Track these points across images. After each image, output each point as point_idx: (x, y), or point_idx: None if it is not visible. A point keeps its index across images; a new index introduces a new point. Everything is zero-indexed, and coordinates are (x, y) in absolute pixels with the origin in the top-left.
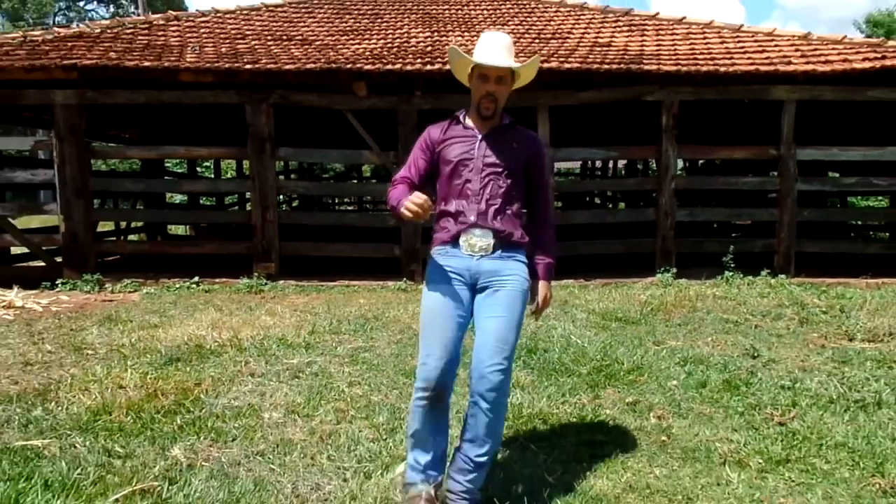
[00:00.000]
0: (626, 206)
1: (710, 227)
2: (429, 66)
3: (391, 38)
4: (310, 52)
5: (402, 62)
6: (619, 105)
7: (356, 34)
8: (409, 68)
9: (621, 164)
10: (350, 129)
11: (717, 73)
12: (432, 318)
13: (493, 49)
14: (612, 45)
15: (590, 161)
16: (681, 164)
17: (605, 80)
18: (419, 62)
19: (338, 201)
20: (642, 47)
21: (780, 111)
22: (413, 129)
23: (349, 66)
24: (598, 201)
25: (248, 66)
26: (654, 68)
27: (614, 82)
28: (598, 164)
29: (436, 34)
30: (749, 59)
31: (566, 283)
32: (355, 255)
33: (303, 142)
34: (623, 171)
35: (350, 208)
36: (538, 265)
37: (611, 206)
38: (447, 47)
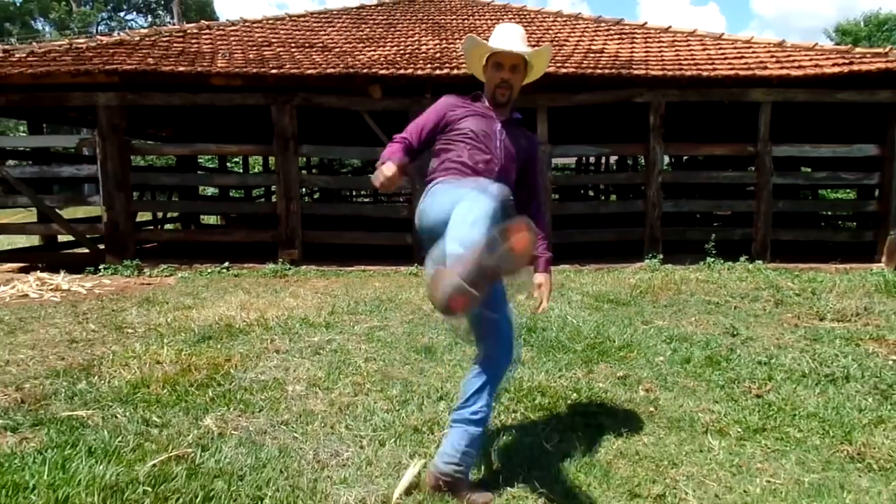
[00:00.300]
0: (617, 198)
1: (693, 217)
2: (438, 71)
3: (404, 45)
4: (330, 58)
5: (413, 67)
6: (610, 106)
7: (372, 42)
8: (419, 73)
9: (613, 160)
10: (366, 128)
11: (700, 77)
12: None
13: (509, 37)
14: (605, 51)
15: (584, 157)
16: (667, 159)
17: (598, 84)
18: (429, 67)
19: (355, 194)
20: (632, 54)
21: (758, 112)
22: None
23: (365, 71)
24: (591, 194)
25: (274, 71)
26: (643, 73)
27: (606, 85)
28: (592, 160)
29: (444, 42)
30: (729, 64)
31: (563, 268)
32: (371, 242)
33: (323, 140)
34: (614, 167)
35: (366, 200)
36: (539, 260)
37: (603, 199)
38: (456, 53)
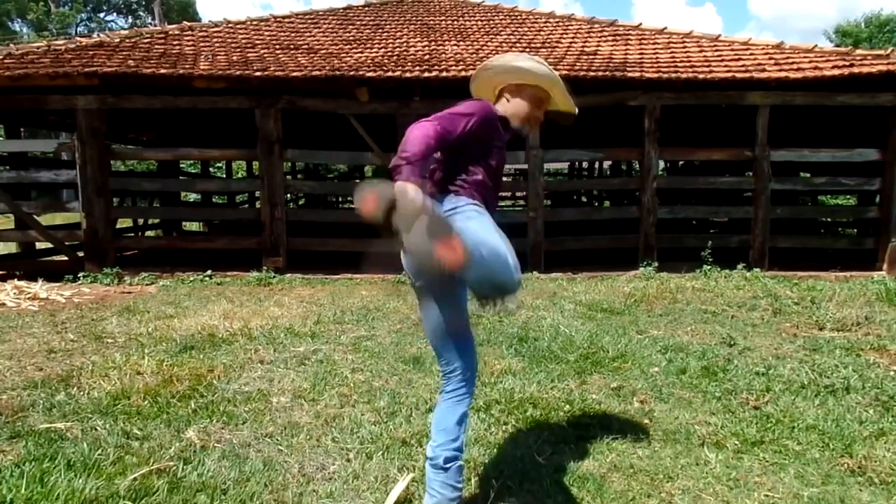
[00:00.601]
0: (611, 204)
1: (689, 223)
2: (426, 74)
3: (391, 47)
4: (315, 60)
5: (401, 70)
6: (604, 109)
7: (359, 43)
8: (408, 75)
9: (606, 164)
10: (353, 133)
11: (696, 80)
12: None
13: (557, 78)
14: (598, 53)
15: (577, 162)
16: (662, 164)
17: (591, 86)
18: (417, 70)
19: (341, 200)
20: (626, 56)
21: (755, 115)
22: None
23: (352, 74)
24: (584, 200)
25: (258, 74)
26: (638, 75)
27: (600, 88)
28: (585, 164)
29: (433, 44)
30: (726, 66)
31: (555, 275)
32: (357, 249)
33: (309, 144)
34: (608, 172)
35: (353, 206)
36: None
37: (597, 205)
38: (445, 55)
